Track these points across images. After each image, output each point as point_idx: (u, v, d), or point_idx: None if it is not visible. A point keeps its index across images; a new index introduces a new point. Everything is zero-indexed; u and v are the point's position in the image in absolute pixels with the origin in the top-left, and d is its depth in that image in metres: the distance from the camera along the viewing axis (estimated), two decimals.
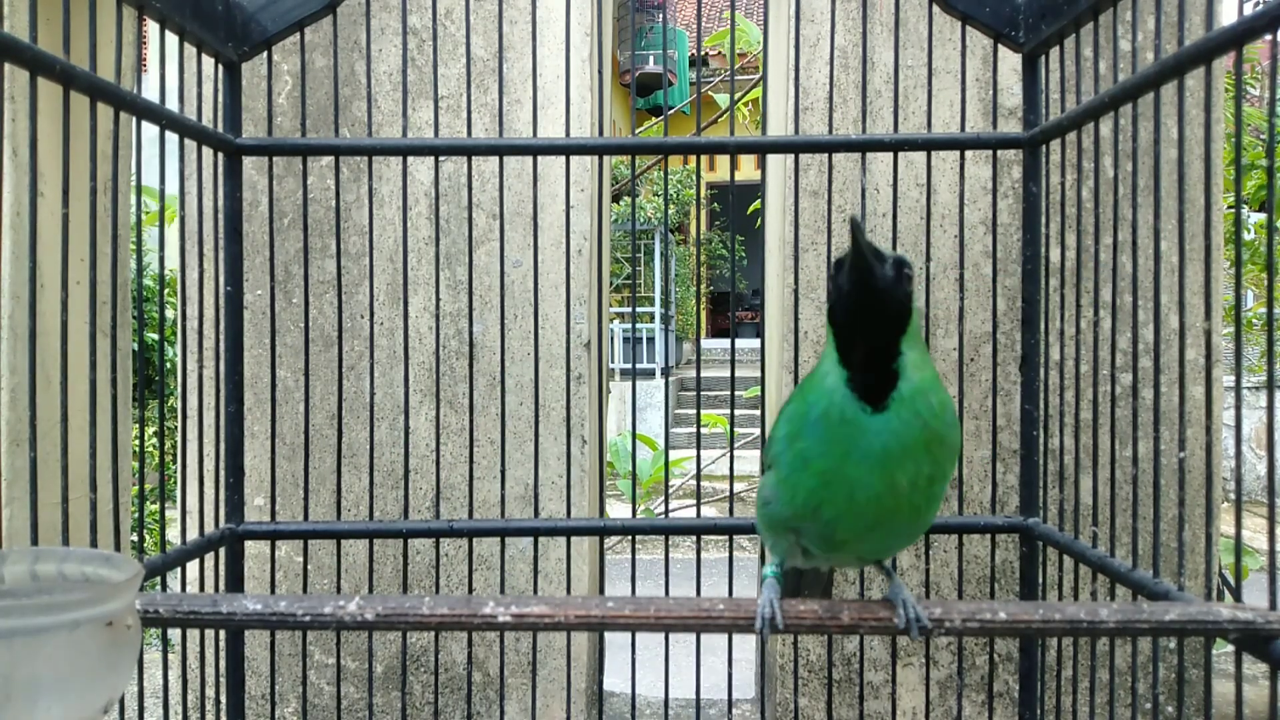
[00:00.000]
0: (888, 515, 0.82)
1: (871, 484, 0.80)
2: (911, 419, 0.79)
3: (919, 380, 0.80)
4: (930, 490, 0.81)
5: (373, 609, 0.89)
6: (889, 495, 0.80)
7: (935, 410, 0.80)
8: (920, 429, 0.79)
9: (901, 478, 0.79)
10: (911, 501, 0.81)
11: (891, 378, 0.79)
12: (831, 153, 1.41)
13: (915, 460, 0.79)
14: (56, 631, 0.58)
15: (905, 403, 0.79)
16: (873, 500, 0.80)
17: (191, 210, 1.92)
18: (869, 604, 0.88)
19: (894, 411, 0.79)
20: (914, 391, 0.79)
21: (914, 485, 0.80)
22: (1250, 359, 5.82)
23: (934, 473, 0.80)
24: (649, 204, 11.46)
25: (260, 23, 1.33)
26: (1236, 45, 0.87)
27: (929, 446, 0.79)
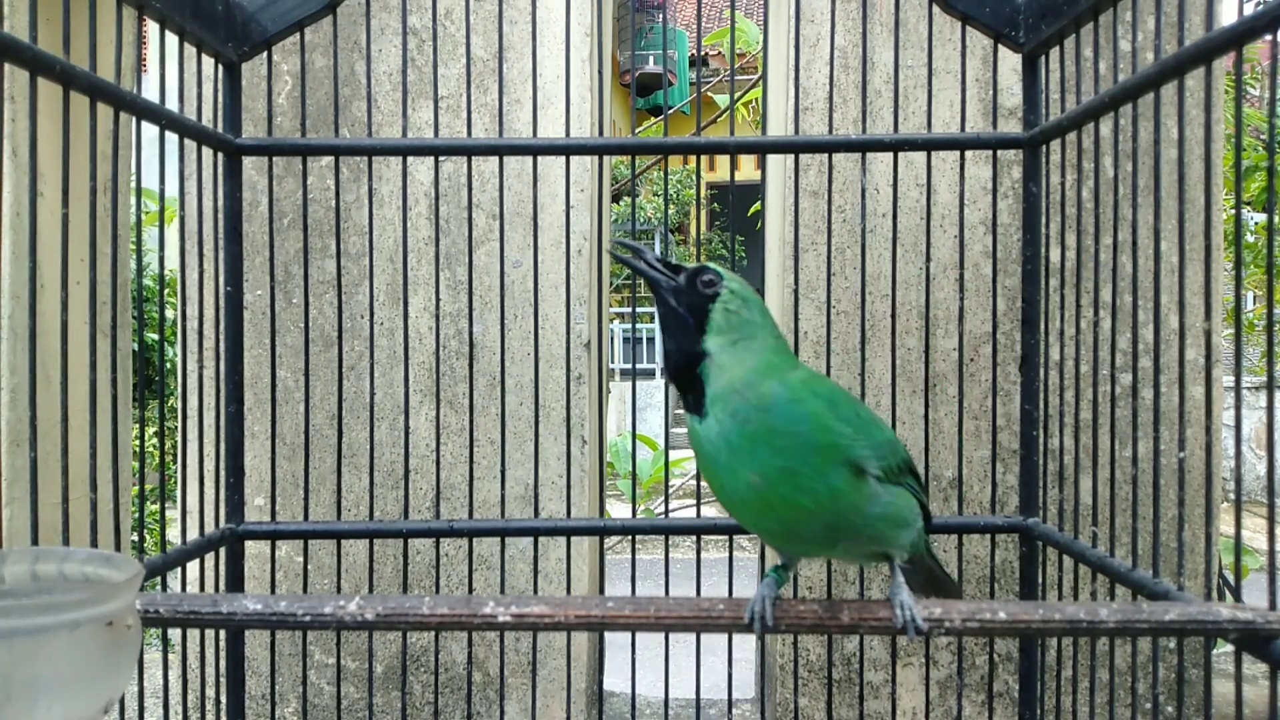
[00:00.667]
0: (780, 513, 0.82)
1: (730, 486, 0.82)
2: (726, 420, 0.80)
3: (728, 380, 0.81)
4: (801, 483, 0.80)
5: (373, 609, 0.89)
6: (754, 494, 0.81)
7: (758, 404, 0.80)
8: (737, 428, 0.80)
9: (747, 476, 0.80)
10: (790, 498, 0.80)
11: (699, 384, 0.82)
12: (831, 153, 1.41)
13: (753, 456, 0.80)
14: (56, 631, 0.58)
15: (716, 405, 0.81)
16: (746, 502, 0.83)
17: (191, 210, 1.92)
18: (869, 604, 0.88)
19: (711, 415, 0.81)
20: (724, 392, 0.81)
21: (770, 480, 0.80)
22: (1250, 359, 5.82)
23: (790, 465, 0.80)
24: (649, 204, 11.46)
25: (260, 23, 1.33)
26: (1236, 45, 0.87)
27: (760, 440, 0.80)
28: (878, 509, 0.84)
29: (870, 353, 1.80)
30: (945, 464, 1.80)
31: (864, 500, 0.83)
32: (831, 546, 0.88)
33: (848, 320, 1.82)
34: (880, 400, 1.80)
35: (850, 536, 0.85)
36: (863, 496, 0.83)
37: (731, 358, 0.83)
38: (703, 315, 0.84)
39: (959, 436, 1.40)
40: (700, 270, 0.85)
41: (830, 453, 0.81)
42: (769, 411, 0.80)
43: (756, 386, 0.81)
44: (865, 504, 0.83)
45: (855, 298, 1.81)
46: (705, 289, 0.84)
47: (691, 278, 0.85)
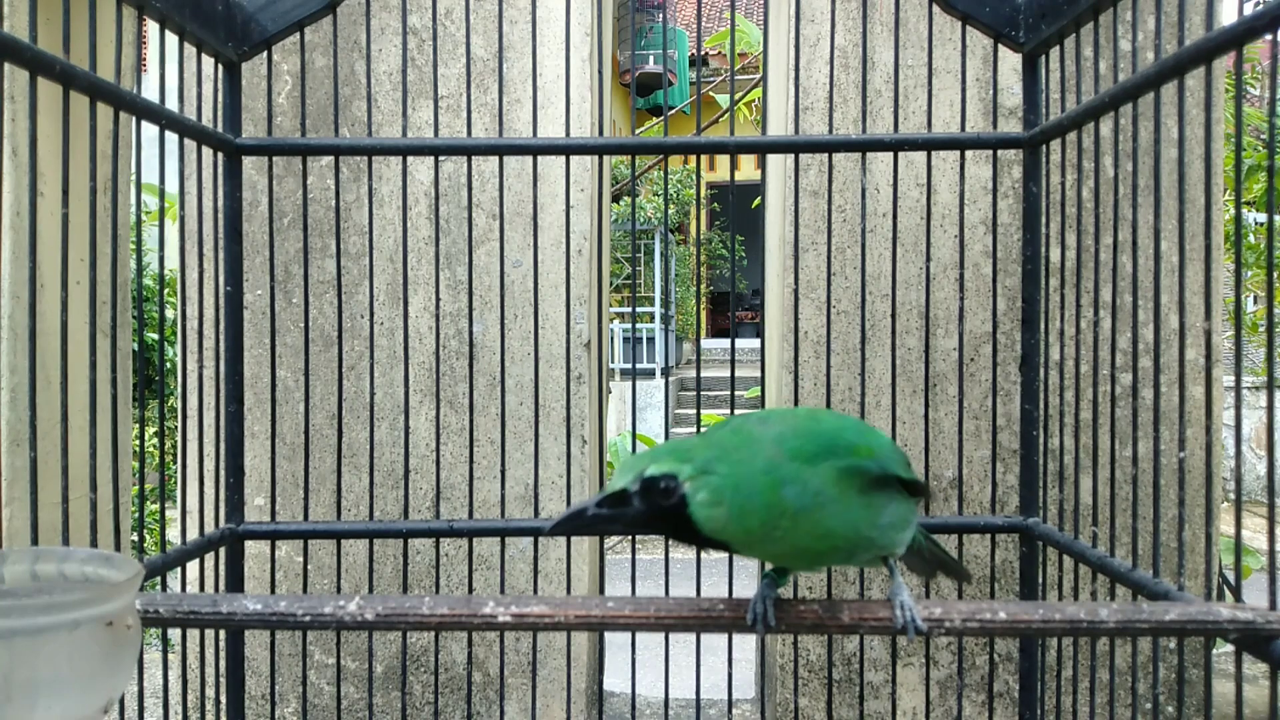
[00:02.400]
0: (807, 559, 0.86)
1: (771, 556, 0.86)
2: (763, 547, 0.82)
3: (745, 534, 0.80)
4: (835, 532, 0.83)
5: (373, 609, 0.89)
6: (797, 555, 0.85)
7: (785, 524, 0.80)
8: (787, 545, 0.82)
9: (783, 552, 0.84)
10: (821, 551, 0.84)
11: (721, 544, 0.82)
12: (831, 153, 1.41)
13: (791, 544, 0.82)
14: (56, 631, 0.58)
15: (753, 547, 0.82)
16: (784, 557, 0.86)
17: (191, 210, 1.92)
18: (868, 604, 0.88)
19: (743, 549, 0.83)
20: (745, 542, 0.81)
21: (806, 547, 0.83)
22: (1251, 359, 5.82)
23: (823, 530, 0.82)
24: (649, 204, 11.46)
25: (260, 23, 1.33)
26: (1236, 45, 0.87)
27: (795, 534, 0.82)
28: (885, 519, 0.86)
29: (870, 353, 1.80)
30: (945, 464, 1.80)
31: (877, 516, 0.85)
32: (848, 559, 0.89)
33: (848, 320, 1.82)
34: (880, 400, 1.80)
35: (866, 548, 0.87)
36: (877, 514, 0.84)
37: (738, 522, 0.79)
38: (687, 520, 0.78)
39: (959, 436, 1.40)
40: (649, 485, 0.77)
41: (851, 493, 0.82)
42: (798, 514, 0.79)
43: (776, 509, 0.79)
44: (877, 519, 0.85)
45: (855, 298, 1.81)
46: (668, 499, 0.77)
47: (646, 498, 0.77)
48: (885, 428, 1.79)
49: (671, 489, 0.77)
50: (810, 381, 1.83)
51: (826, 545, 0.83)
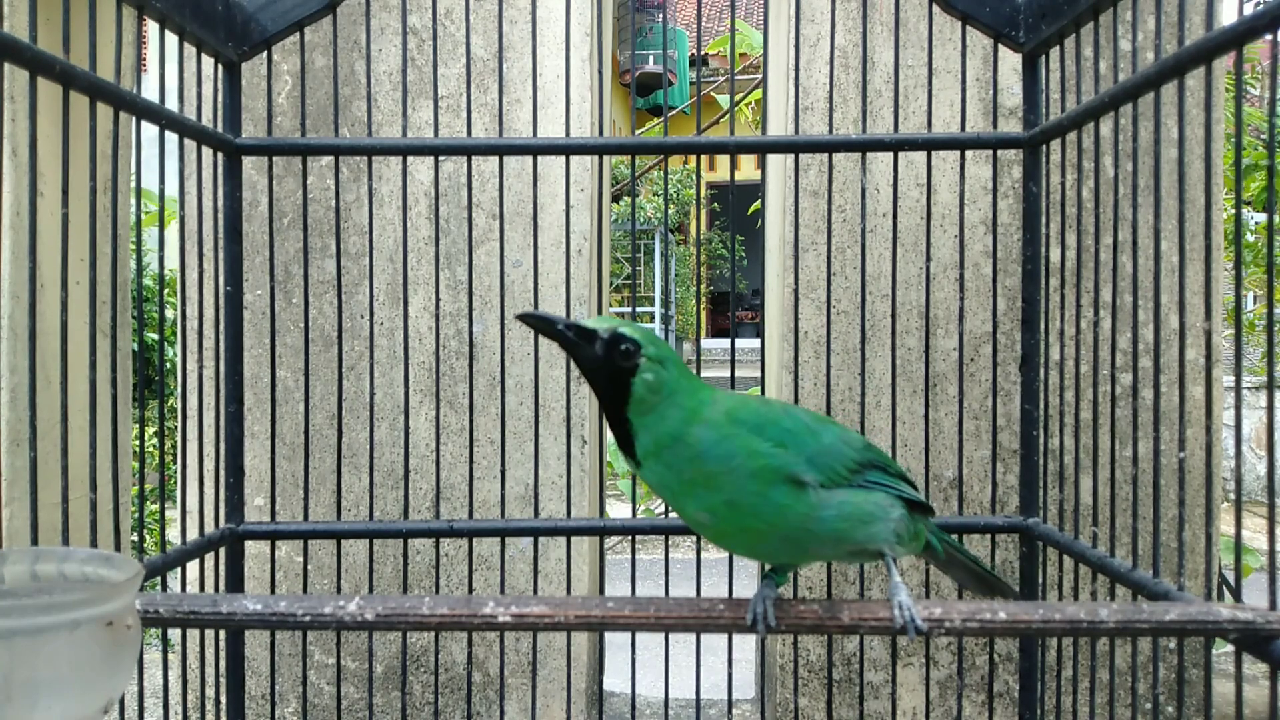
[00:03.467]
0: (738, 537, 0.87)
1: (684, 517, 0.88)
2: (661, 470, 0.85)
3: (655, 439, 0.85)
4: (745, 509, 0.84)
5: (373, 609, 0.89)
6: (707, 526, 0.86)
7: (689, 454, 0.84)
8: (674, 477, 0.85)
9: (694, 513, 0.86)
10: (741, 523, 0.85)
11: (629, 439, 0.86)
12: (831, 153, 1.41)
13: (694, 497, 0.85)
14: (56, 631, 0.58)
15: (649, 459, 0.86)
16: (704, 530, 0.88)
17: (191, 210, 1.92)
18: (869, 604, 0.88)
19: (645, 466, 0.86)
20: (654, 448, 0.85)
21: (717, 514, 0.85)
22: (1250, 359, 5.82)
23: (731, 497, 0.84)
24: (649, 204, 11.46)
25: (260, 23, 1.33)
26: (1236, 45, 0.87)
27: (698, 483, 0.84)
28: (829, 512, 0.87)
29: (870, 353, 1.80)
30: (945, 464, 1.80)
31: (810, 508, 0.86)
32: (803, 553, 0.90)
33: (848, 320, 1.82)
34: (880, 400, 1.80)
35: (815, 543, 0.88)
36: (809, 505, 0.86)
37: (655, 419, 0.85)
38: (624, 387, 0.85)
39: (959, 436, 1.40)
40: (616, 339, 0.85)
41: (766, 475, 0.84)
42: (699, 459, 0.84)
43: (683, 438, 0.85)
44: (815, 511, 0.86)
45: (855, 298, 1.81)
46: (624, 361, 0.85)
47: (609, 347, 0.85)
48: (885, 428, 1.79)
49: (631, 353, 0.85)
50: (810, 381, 1.83)
51: (744, 518, 0.84)
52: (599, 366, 0.85)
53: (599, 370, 0.86)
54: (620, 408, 0.86)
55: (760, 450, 0.84)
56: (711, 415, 0.86)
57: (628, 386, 0.85)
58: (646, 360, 0.85)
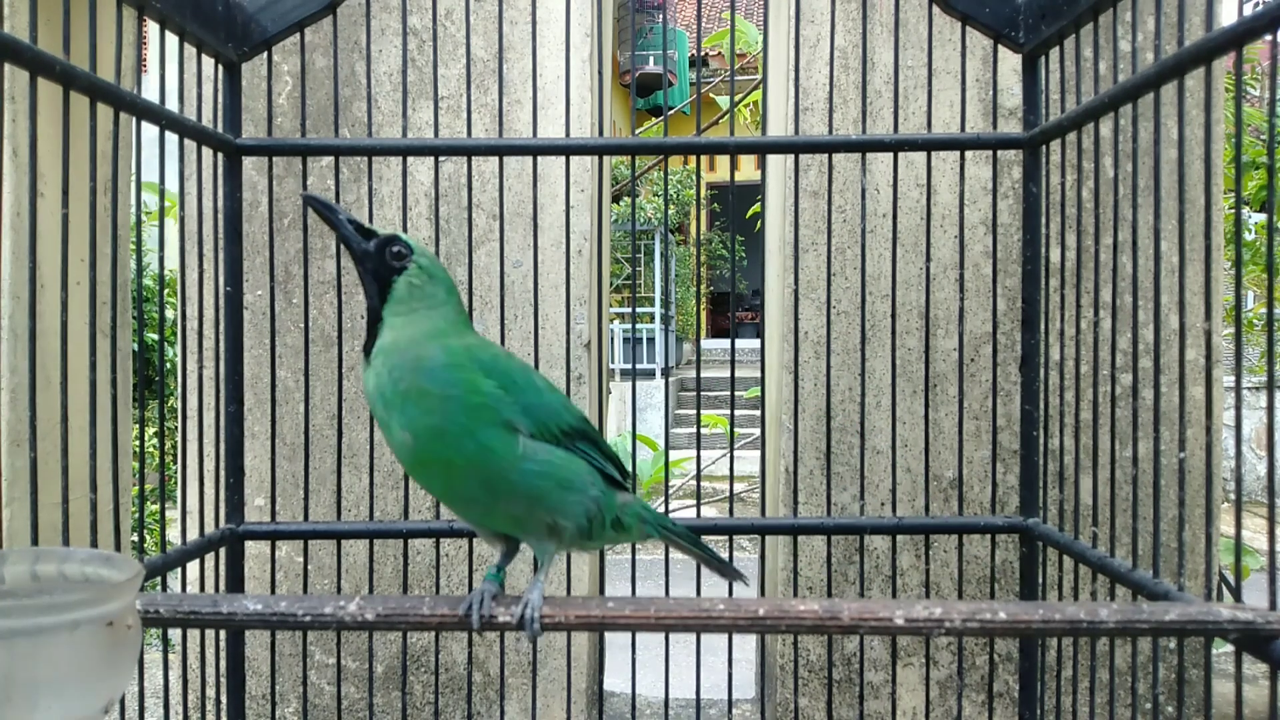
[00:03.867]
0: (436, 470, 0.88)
1: (390, 440, 0.89)
2: (384, 374, 0.87)
3: (393, 339, 0.88)
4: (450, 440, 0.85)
5: (373, 609, 0.89)
6: (409, 451, 0.87)
7: (413, 365, 0.86)
8: (391, 385, 0.86)
9: (399, 432, 0.86)
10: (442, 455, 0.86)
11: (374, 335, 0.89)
12: (831, 153, 1.41)
13: (403, 413, 0.86)
14: (56, 631, 0.58)
15: (378, 358, 0.88)
16: (404, 457, 0.89)
17: (191, 210, 1.92)
18: (869, 604, 0.88)
19: (372, 367, 0.88)
20: (388, 348, 0.88)
21: (421, 437, 0.86)
22: (1250, 359, 5.82)
23: (439, 424, 0.85)
24: (649, 204, 11.46)
25: (260, 23, 1.33)
26: (1236, 45, 0.87)
27: (410, 399, 0.86)
28: (532, 465, 0.89)
29: (870, 353, 1.80)
30: (945, 464, 1.80)
31: (516, 456, 0.88)
32: (494, 506, 0.91)
33: (848, 320, 1.82)
34: (880, 400, 1.80)
35: (509, 495, 0.89)
36: (515, 453, 0.88)
37: (404, 322, 0.89)
38: (387, 284, 0.90)
39: (959, 436, 1.41)
40: (391, 240, 0.90)
41: (480, 412, 0.86)
42: (421, 372, 0.86)
43: (416, 349, 0.87)
44: (518, 461, 0.88)
45: (855, 298, 1.81)
46: (394, 260, 0.90)
47: (382, 246, 0.90)
48: (885, 428, 1.79)
49: (402, 255, 0.91)
50: (810, 381, 1.83)
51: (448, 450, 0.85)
52: (370, 260, 0.90)
53: (369, 263, 0.90)
54: (379, 304, 0.90)
55: (482, 388, 0.87)
56: (453, 344, 0.89)
57: (389, 284, 0.90)
58: (416, 267, 0.91)
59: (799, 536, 1.57)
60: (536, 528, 0.92)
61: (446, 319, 0.92)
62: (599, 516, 0.95)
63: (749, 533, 1.43)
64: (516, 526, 0.93)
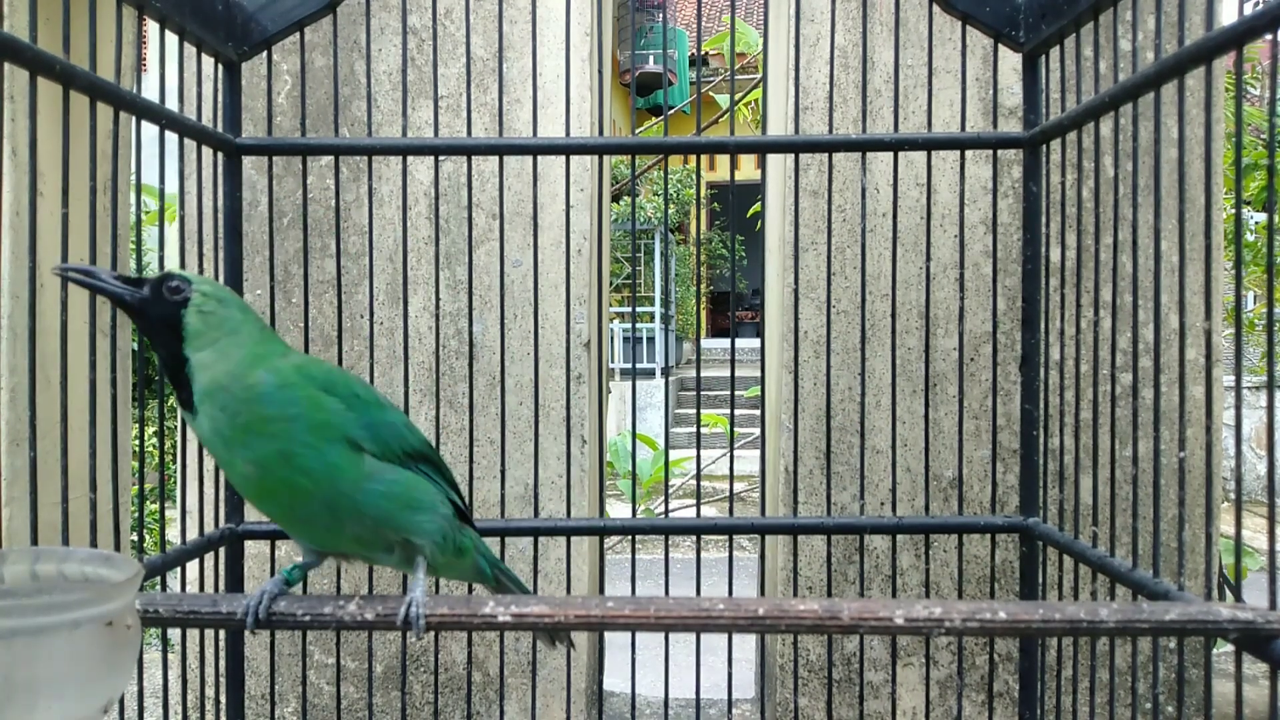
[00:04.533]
0: (281, 495, 0.85)
1: (230, 474, 0.86)
2: (217, 414, 0.83)
3: (212, 378, 0.84)
4: (297, 463, 0.83)
5: (373, 609, 0.89)
6: (253, 482, 0.85)
7: (245, 396, 0.83)
8: (228, 421, 0.83)
9: (242, 466, 0.84)
10: (288, 479, 0.83)
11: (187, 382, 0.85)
12: (831, 153, 1.41)
13: (246, 446, 0.83)
14: (56, 631, 0.58)
15: (204, 402, 0.84)
16: (248, 487, 0.86)
17: (191, 210, 1.92)
18: (869, 603, 0.88)
19: (201, 412, 0.84)
20: (210, 389, 0.84)
21: (266, 466, 0.83)
22: (1250, 359, 5.82)
23: (285, 448, 0.83)
24: (649, 204, 11.46)
25: (260, 22, 1.33)
26: (1236, 45, 0.87)
27: (252, 430, 0.83)
28: (379, 486, 0.87)
29: (870, 353, 1.80)
30: (945, 464, 1.80)
31: (362, 476, 0.86)
32: (340, 529, 0.88)
33: (848, 320, 1.82)
34: (880, 400, 1.80)
35: (354, 516, 0.87)
36: (361, 473, 0.86)
37: (212, 357, 0.85)
38: (177, 322, 0.85)
39: (959, 436, 1.41)
40: (165, 278, 0.86)
41: (325, 430, 0.84)
42: (258, 401, 0.83)
43: (243, 379, 0.84)
44: (364, 480, 0.86)
45: (855, 298, 1.81)
46: (173, 295, 0.85)
47: (157, 287, 0.85)
48: (885, 428, 1.79)
49: (179, 289, 0.85)
50: (810, 381, 1.83)
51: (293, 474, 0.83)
52: (149, 308, 0.85)
53: (149, 312, 0.85)
54: (178, 347, 0.84)
55: (325, 405, 0.84)
56: (279, 364, 0.86)
57: (180, 321, 0.85)
58: (200, 295, 0.86)
59: (799, 536, 1.57)
60: (385, 548, 0.90)
61: (255, 339, 0.88)
62: (452, 537, 0.94)
63: (749, 532, 1.43)
64: (362, 547, 0.91)
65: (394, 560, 0.93)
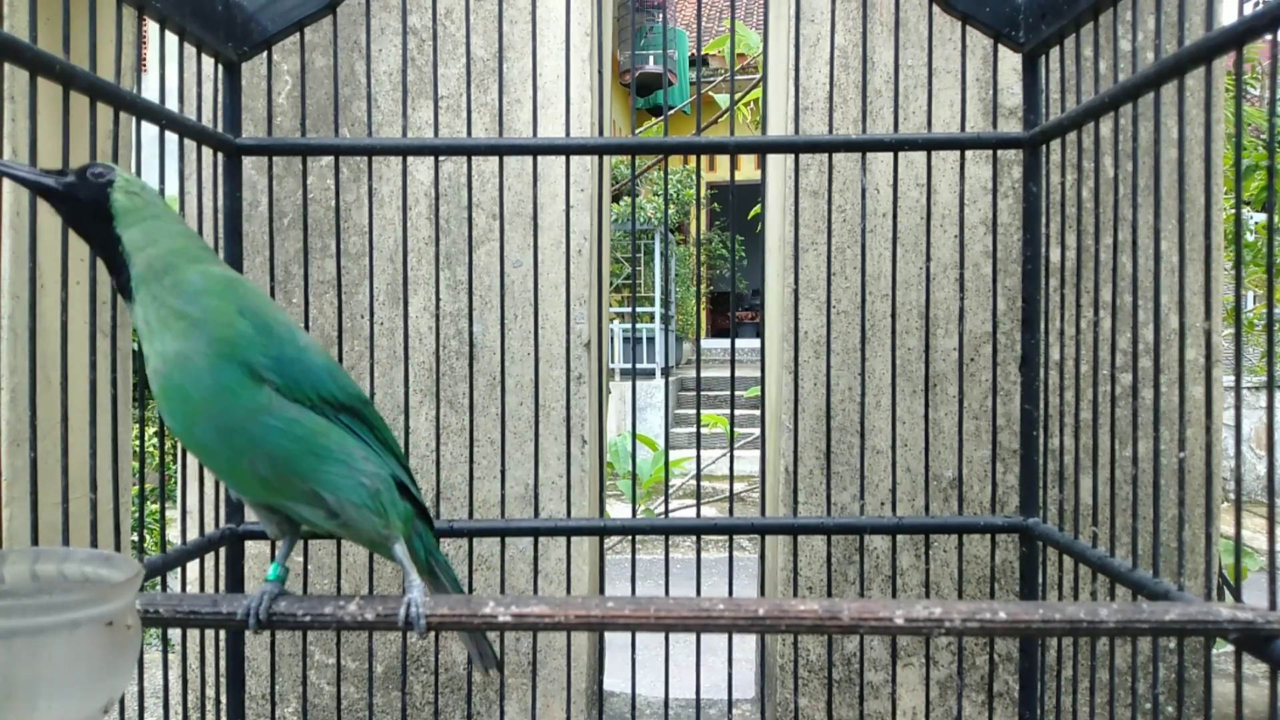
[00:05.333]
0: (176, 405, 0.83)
1: (147, 364, 0.84)
2: (148, 301, 0.83)
3: (148, 261, 0.83)
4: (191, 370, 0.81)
5: (373, 609, 0.89)
6: (157, 380, 0.83)
7: (173, 287, 0.83)
8: (155, 309, 0.82)
9: (154, 360, 0.83)
10: (181, 386, 0.81)
11: (124, 266, 0.84)
12: (831, 153, 1.41)
13: (159, 338, 0.82)
14: (56, 631, 0.58)
15: (141, 287, 0.83)
16: (156, 389, 0.84)
17: (191, 210, 1.92)
18: (869, 603, 0.88)
19: (136, 300, 0.84)
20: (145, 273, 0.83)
21: (168, 364, 0.81)
22: (1250, 359, 5.82)
23: (184, 350, 0.81)
24: (649, 204, 11.46)
25: (260, 23, 1.33)
26: (1236, 45, 0.87)
27: (166, 323, 0.82)
28: (276, 422, 0.83)
29: (870, 353, 1.80)
30: (945, 464, 1.80)
31: (258, 408, 0.82)
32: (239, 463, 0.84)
33: (848, 320, 1.82)
34: (880, 400, 1.80)
35: (250, 450, 0.83)
36: (256, 404, 0.82)
37: (143, 236, 0.84)
38: (105, 201, 0.84)
39: (959, 436, 1.41)
40: (87, 166, 0.85)
41: (225, 347, 0.82)
42: (178, 294, 0.83)
43: (174, 273, 0.83)
44: (259, 412, 0.82)
45: (855, 298, 1.81)
46: (97, 179, 0.84)
47: (81, 173, 0.85)
48: (885, 428, 1.79)
49: (101, 174, 0.85)
50: (810, 381, 1.83)
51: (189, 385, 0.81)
52: (75, 191, 0.84)
53: (76, 195, 0.84)
54: (108, 226, 0.84)
55: (233, 322, 0.82)
56: (213, 269, 0.86)
57: (108, 202, 0.84)
58: (123, 179, 0.86)
59: (799, 536, 1.57)
60: (297, 498, 0.86)
61: (187, 237, 0.87)
62: (389, 502, 0.89)
63: (749, 532, 1.43)
64: (273, 494, 0.87)
65: (331, 525, 0.89)
